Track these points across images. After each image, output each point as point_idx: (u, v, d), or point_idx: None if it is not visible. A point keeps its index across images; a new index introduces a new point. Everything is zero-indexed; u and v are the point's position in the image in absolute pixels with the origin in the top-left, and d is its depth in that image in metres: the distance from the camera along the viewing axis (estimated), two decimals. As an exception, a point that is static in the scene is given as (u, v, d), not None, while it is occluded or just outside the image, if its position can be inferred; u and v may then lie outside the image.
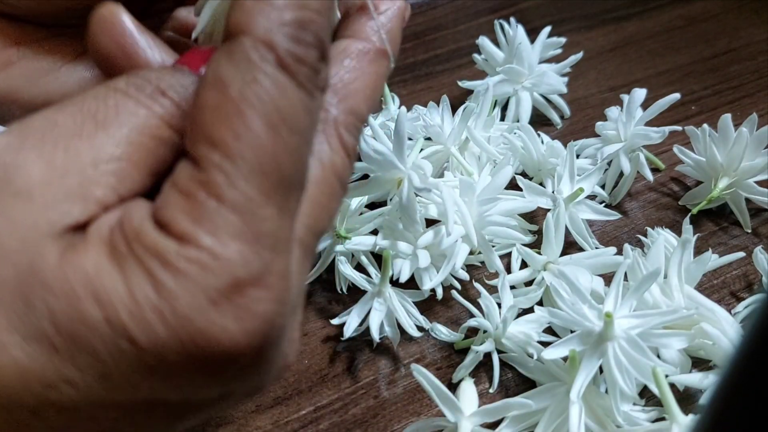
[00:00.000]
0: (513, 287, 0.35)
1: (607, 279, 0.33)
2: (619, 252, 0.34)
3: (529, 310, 0.33)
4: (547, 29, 0.44)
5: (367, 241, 0.34)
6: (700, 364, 0.32)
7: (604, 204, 0.38)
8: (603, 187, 0.39)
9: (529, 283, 0.35)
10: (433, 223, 0.34)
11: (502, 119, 0.43)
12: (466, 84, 0.44)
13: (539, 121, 0.45)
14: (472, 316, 0.32)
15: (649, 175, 0.39)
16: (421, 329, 0.33)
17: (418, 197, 0.33)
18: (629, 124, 0.38)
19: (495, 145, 0.39)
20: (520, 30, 0.43)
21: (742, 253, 0.35)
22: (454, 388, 0.32)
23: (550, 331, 0.33)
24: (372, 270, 0.35)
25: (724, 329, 0.30)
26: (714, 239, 0.38)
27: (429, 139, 0.39)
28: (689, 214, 0.37)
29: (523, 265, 0.36)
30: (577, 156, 0.38)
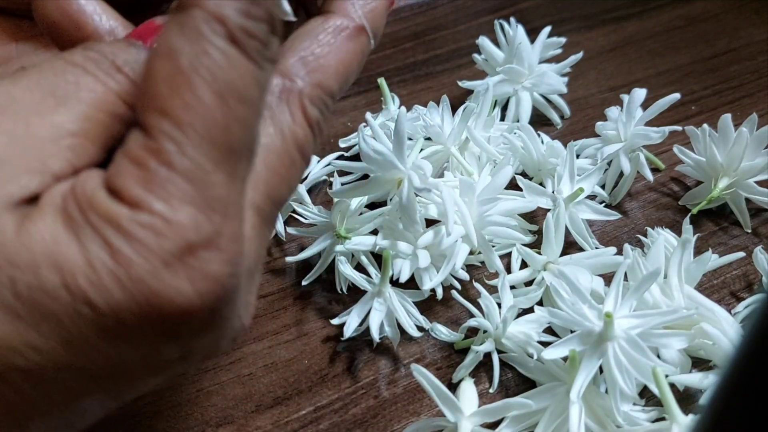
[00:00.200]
0: (513, 287, 0.35)
1: (607, 279, 0.33)
2: (619, 252, 0.34)
3: (529, 310, 0.33)
4: (547, 29, 0.44)
5: (367, 241, 0.34)
6: (700, 364, 0.32)
7: (604, 204, 0.38)
8: (603, 187, 0.39)
9: (529, 283, 0.35)
10: (433, 223, 0.34)
11: (502, 119, 0.43)
12: (466, 84, 0.44)
13: (539, 121, 0.45)
14: (472, 316, 0.32)
15: (649, 175, 0.39)
16: (421, 329, 0.33)
17: (418, 197, 0.33)
18: (629, 124, 0.38)
19: (495, 145, 0.39)
20: (520, 30, 0.43)
21: (742, 253, 0.35)
22: (454, 388, 0.32)
23: (550, 331, 0.33)
24: (372, 270, 0.35)
25: (724, 329, 0.30)
26: (714, 239, 0.38)
27: (429, 139, 0.39)
28: (689, 214, 0.37)
29: (523, 265, 0.36)
30: (577, 156, 0.38)
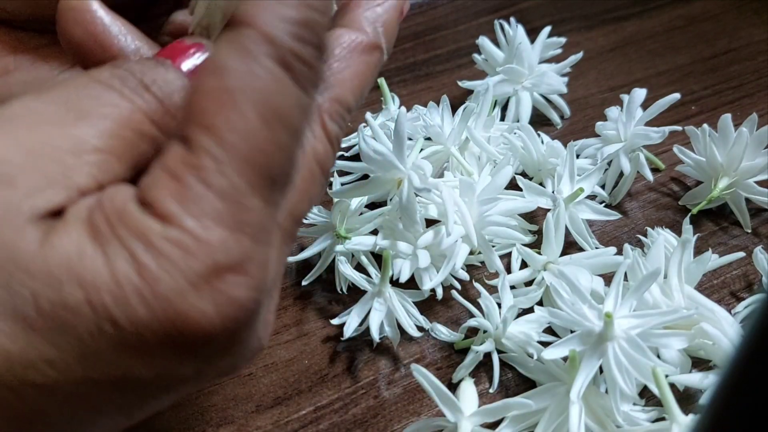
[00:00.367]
0: (513, 287, 0.35)
1: (607, 279, 0.33)
2: (619, 252, 0.34)
3: (529, 310, 0.33)
4: (547, 29, 0.44)
5: (367, 241, 0.34)
6: (700, 364, 0.32)
7: (604, 204, 0.38)
8: (603, 187, 0.39)
9: (529, 283, 0.35)
10: (433, 223, 0.34)
11: (502, 119, 0.43)
12: (466, 84, 0.44)
13: (539, 121, 0.45)
14: (472, 316, 0.32)
15: (649, 175, 0.39)
16: (421, 329, 0.33)
17: (418, 197, 0.33)
18: (629, 124, 0.38)
19: (495, 145, 0.39)
20: (520, 30, 0.43)
21: (742, 253, 0.35)
22: (454, 388, 0.32)
23: (550, 331, 0.33)
24: (372, 270, 0.35)
25: (724, 329, 0.30)
26: (714, 239, 0.38)
27: (429, 139, 0.39)
28: (689, 214, 0.38)
29: (523, 265, 0.36)
30: (577, 156, 0.38)
